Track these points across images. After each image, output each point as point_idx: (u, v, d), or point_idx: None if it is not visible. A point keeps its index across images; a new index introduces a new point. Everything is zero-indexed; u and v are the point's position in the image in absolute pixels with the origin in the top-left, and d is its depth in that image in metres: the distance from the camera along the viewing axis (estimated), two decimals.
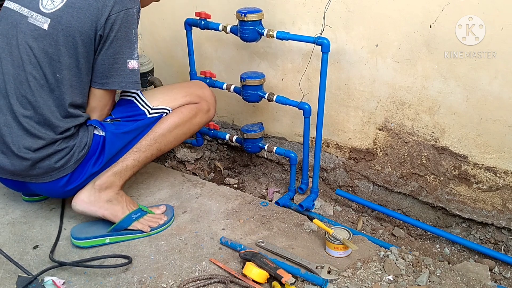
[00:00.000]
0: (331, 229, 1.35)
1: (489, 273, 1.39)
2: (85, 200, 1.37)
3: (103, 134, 1.36)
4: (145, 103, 1.43)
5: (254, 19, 1.53)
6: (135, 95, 1.44)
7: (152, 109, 1.44)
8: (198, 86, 1.58)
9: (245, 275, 1.21)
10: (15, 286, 1.15)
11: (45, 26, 1.24)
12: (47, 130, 1.27)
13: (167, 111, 1.47)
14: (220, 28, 1.64)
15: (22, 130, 1.26)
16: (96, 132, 1.36)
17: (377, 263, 1.30)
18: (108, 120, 1.41)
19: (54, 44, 1.24)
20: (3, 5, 1.32)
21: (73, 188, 1.37)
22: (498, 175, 1.47)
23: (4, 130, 1.27)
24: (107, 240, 1.37)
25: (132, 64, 1.31)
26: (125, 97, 1.45)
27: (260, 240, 1.38)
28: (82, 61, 1.27)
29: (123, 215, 1.38)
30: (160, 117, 1.46)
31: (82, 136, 1.33)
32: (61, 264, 1.27)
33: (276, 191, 1.86)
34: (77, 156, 1.32)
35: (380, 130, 1.65)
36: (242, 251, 1.29)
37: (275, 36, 1.52)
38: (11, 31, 1.27)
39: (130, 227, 1.39)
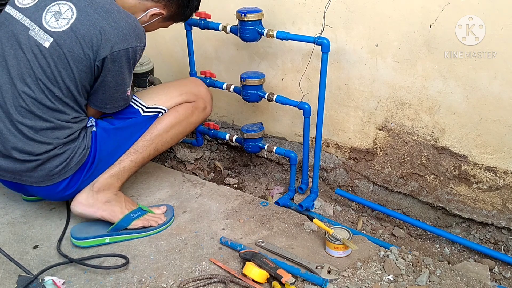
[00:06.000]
0: (331, 229, 1.35)
1: (489, 273, 1.39)
2: (83, 202, 1.37)
3: (95, 130, 1.36)
4: (139, 102, 1.43)
5: (254, 19, 1.53)
6: None
7: (147, 107, 1.44)
8: (194, 84, 1.57)
9: (245, 275, 1.21)
10: (16, 285, 1.15)
11: (46, 44, 1.21)
12: (48, 137, 1.26)
13: (163, 111, 1.46)
14: (220, 28, 1.64)
15: (23, 136, 1.25)
16: (93, 130, 1.36)
17: (377, 263, 1.29)
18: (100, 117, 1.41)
19: (54, 65, 1.22)
20: (4, 9, 1.29)
21: (73, 192, 1.37)
22: (498, 175, 1.47)
23: (5, 135, 1.26)
24: (107, 240, 1.37)
25: (129, 91, 1.36)
26: None
27: (260, 240, 1.38)
28: (79, 85, 1.26)
29: (122, 215, 1.38)
30: (155, 117, 1.45)
31: (83, 139, 1.33)
32: (69, 259, 1.27)
33: (277, 192, 1.86)
34: (77, 158, 1.32)
35: (380, 130, 1.65)
36: (242, 251, 1.29)
37: (275, 36, 1.53)
38: (11, 40, 1.24)
39: (130, 227, 1.39)
